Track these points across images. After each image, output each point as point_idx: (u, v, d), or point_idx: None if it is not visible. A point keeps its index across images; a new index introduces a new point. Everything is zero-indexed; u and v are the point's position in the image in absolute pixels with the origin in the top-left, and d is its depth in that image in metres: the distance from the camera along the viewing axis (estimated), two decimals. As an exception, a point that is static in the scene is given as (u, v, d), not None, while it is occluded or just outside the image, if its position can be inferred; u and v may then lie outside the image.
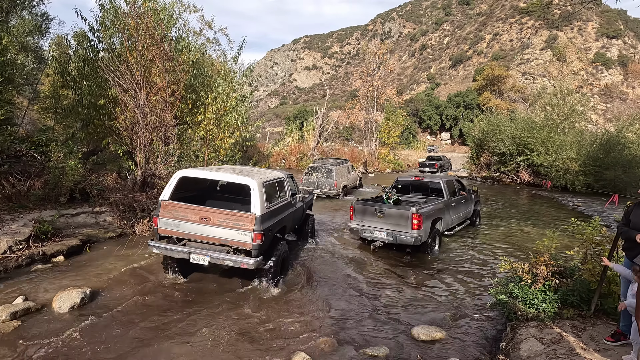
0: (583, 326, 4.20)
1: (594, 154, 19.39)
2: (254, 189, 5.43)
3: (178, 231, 5.51)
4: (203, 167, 7.64)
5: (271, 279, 5.71)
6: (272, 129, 52.69)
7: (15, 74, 10.66)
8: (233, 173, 5.91)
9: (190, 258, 5.43)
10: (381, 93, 30.72)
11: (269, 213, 5.57)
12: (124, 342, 4.29)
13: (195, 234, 5.45)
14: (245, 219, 5.24)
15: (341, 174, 14.90)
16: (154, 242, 5.67)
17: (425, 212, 7.59)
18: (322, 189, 14.31)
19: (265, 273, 5.70)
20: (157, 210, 5.61)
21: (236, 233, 5.26)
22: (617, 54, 69.72)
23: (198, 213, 5.44)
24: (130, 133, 9.85)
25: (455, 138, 61.82)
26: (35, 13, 13.70)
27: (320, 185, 14.36)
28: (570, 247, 5.59)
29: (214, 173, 6.08)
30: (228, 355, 4.12)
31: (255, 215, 5.25)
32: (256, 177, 5.68)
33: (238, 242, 5.29)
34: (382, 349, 4.30)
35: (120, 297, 5.46)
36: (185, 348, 4.22)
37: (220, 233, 5.33)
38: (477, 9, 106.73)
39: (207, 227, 5.35)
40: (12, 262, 6.17)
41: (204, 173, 6.10)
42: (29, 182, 8.52)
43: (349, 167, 16.43)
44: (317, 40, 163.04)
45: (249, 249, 5.26)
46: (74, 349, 4.12)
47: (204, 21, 14.25)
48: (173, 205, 5.56)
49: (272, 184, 6.12)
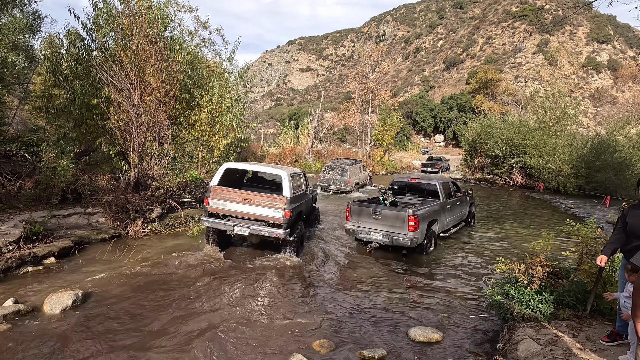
0: (579, 327, 4.22)
1: (585, 156, 19.66)
2: (284, 178, 7.07)
3: (224, 209, 7.07)
4: (243, 162, 9.40)
5: (293, 250, 7.22)
6: (267, 131, 52.57)
7: (5, 72, 10.50)
8: (268, 166, 7.91)
9: (235, 230, 6.95)
10: (376, 95, 30.80)
11: (293, 197, 7.10)
12: (116, 344, 4.21)
13: (238, 211, 7.00)
14: (279, 200, 6.80)
15: (354, 173, 16.68)
16: (205, 218, 7.14)
17: (422, 214, 7.59)
18: (337, 185, 16.21)
19: (290, 244, 7.18)
20: (208, 193, 7.12)
21: (271, 211, 6.80)
22: (607, 58, 70.92)
23: (241, 195, 7.02)
24: (123, 133, 9.74)
25: (449, 140, 62.26)
26: (27, 11, 13.48)
27: (336, 182, 16.23)
28: (563, 249, 5.63)
29: (254, 165, 7.96)
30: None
31: (285, 197, 6.82)
32: (285, 170, 7.43)
33: (272, 218, 6.83)
34: (379, 350, 4.28)
35: (112, 298, 5.36)
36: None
37: (258, 211, 6.88)
38: (470, 13, 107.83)
39: (248, 206, 6.91)
40: (1, 263, 6.03)
41: (246, 165, 8.01)
42: (20, 183, 8.36)
43: (361, 166, 18.28)
44: (311, 42, 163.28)
45: (280, 223, 6.77)
46: (65, 352, 4.03)
47: (199, 21, 14.16)
48: (221, 189, 7.10)
49: (295, 176, 7.67)
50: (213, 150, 12.85)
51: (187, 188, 11.20)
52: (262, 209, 6.86)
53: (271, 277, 6.45)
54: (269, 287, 6.05)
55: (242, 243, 8.24)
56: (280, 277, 6.47)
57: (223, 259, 7.09)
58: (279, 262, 7.11)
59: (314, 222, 9.71)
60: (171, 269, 6.66)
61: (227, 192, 7.06)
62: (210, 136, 12.70)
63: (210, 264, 6.80)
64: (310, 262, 7.38)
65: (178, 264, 6.79)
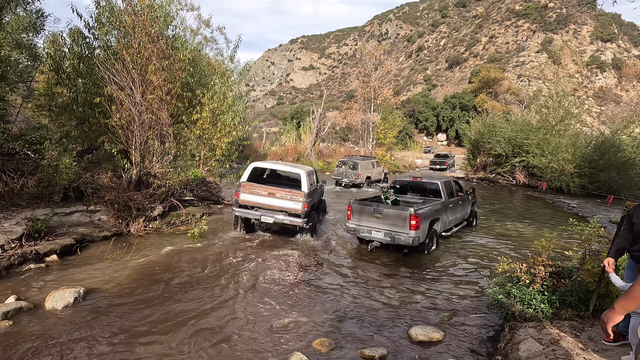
0: (581, 327, 4.19)
1: (588, 155, 19.53)
2: (302, 176, 8.35)
3: (252, 201, 8.38)
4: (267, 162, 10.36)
5: (310, 233, 8.75)
6: (269, 129, 52.59)
7: (9, 71, 10.53)
8: (288, 165, 9.30)
9: (261, 218, 8.29)
10: (378, 94, 30.73)
11: (310, 192, 8.31)
12: (118, 340, 4.22)
13: (264, 203, 8.30)
14: (298, 194, 8.09)
15: (365, 167, 18.30)
16: (236, 208, 8.53)
17: (423, 213, 7.56)
18: (349, 178, 17.92)
19: (306, 230, 8.62)
20: (239, 188, 8.48)
21: (292, 203, 8.09)
22: (612, 57, 70.44)
23: (267, 190, 8.33)
24: (125, 131, 9.75)
25: (451, 139, 62.04)
26: (30, 10, 13.52)
27: (348, 175, 17.95)
28: (566, 248, 5.59)
29: (277, 164, 9.27)
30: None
31: (304, 192, 8.13)
32: (303, 168, 8.79)
33: (292, 209, 8.12)
34: (380, 349, 4.26)
35: (114, 296, 5.38)
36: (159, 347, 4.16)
37: (281, 203, 8.17)
38: (473, 12, 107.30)
39: (272, 199, 8.21)
40: (4, 261, 6.06)
41: (270, 164, 9.33)
42: (22, 181, 8.38)
43: (374, 162, 19.99)
44: (314, 40, 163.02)
45: (299, 214, 8.11)
46: (67, 348, 4.04)
47: (201, 20, 14.16)
48: (250, 184, 8.42)
49: (310, 174, 8.86)
50: (215, 149, 12.85)
51: (188, 186, 11.21)
52: (285, 201, 8.16)
53: (272, 273, 6.45)
54: (268, 284, 6.05)
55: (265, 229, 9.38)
56: (282, 274, 6.47)
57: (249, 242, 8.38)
58: (297, 243, 8.45)
59: (321, 212, 10.89)
60: (173, 264, 6.67)
61: (254, 187, 8.41)
62: (212, 134, 12.70)
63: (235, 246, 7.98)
64: (312, 260, 7.38)
65: (186, 259, 6.81)
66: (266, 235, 8.95)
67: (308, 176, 8.50)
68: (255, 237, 8.86)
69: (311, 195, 8.42)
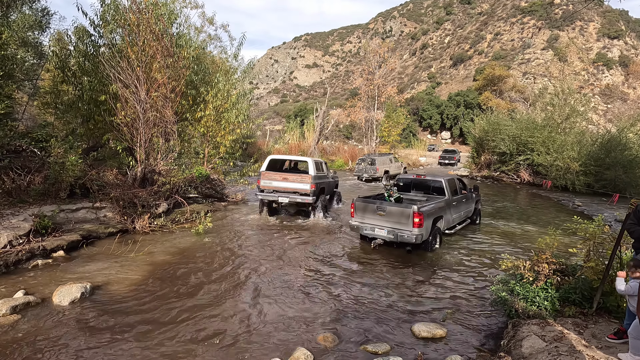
0: (585, 324, 4.18)
1: (594, 153, 19.36)
2: (310, 163, 10.32)
3: (270, 186, 10.26)
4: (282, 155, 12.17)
5: (321, 212, 10.44)
6: (273, 127, 52.62)
7: (15, 68, 10.63)
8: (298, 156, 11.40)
9: (278, 199, 10.10)
10: (382, 91, 30.65)
11: (317, 176, 10.23)
12: (123, 337, 4.28)
13: (280, 186, 10.18)
14: (306, 177, 10.01)
15: (382, 162, 20.59)
16: (259, 193, 10.39)
17: (427, 211, 7.55)
18: (368, 173, 20.02)
19: (317, 209, 10.47)
20: (259, 176, 10.37)
21: (301, 185, 9.96)
22: (619, 54, 69.57)
23: (281, 176, 10.32)
24: (130, 129, 9.82)
25: (455, 137, 61.72)
26: (36, 8, 13.64)
27: (367, 170, 20.07)
28: (571, 246, 5.57)
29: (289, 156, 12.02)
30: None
31: (311, 175, 10.01)
32: (310, 158, 10.73)
33: (302, 189, 9.97)
34: (383, 345, 4.29)
35: (120, 292, 5.44)
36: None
37: (293, 185, 10.07)
38: (478, 9, 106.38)
39: (286, 183, 10.13)
40: (12, 256, 6.15)
41: (284, 156, 11.58)
42: (29, 177, 8.49)
43: (392, 158, 22.22)
44: (318, 38, 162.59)
45: (308, 193, 9.93)
46: (73, 343, 4.10)
47: (205, 17, 14.21)
48: (267, 173, 10.31)
49: (318, 163, 10.88)
50: (219, 146, 12.90)
51: (193, 184, 11.28)
52: (296, 184, 10.03)
53: (276, 269, 6.49)
54: (272, 280, 6.09)
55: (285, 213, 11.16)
56: (286, 269, 6.51)
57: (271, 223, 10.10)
58: (311, 222, 10.27)
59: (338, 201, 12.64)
60: (179, 260, 6.73)
61: (271, 174, 10.32)
62: (216, 132, 12.75)
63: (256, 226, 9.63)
64: (317, 255, 7.41)
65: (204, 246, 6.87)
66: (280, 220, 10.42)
67: (315, 163, 10.45)
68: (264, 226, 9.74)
69: (318, 179, 10.29)
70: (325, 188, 10.95)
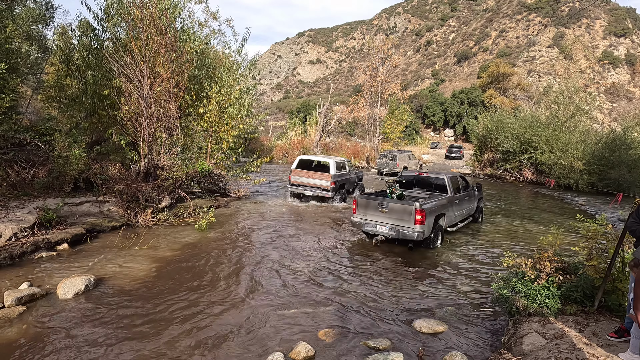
0: (586, 322, 4.19)
1: (599, 153, 19.24)
2: (331, 163, 12.35)
3: (299, 181, 12.63)
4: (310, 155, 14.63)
5: (339, 200, 12.48)
6: (275, 123, 52.55)
7: (19, 62, 10.63)
8: (323, 157, 13.54)
9: (305, 192, 12.43)
10: (385, 88, 30.49)
11: (337, 175, 12.30)
12: (126, 331, 4.32)
13: (306, 182, 12.48)
14: (328, 176, 12.10)
15: (402, 159, 22.91)
16: (289, 186, 12.86)
17: (429, 208, 7.55)
18: (389, 168, 22.27)
19: (336, 199, 12.41)
20: (290, 173, 12.85)
21: (323, 181, 12.14)
22: (625, 52, 68.85)
23: (307, 173, 12.52)
24: (134, 123, 9.85)
25: (458, 135, 61.45)
26: (40, 2, 13.63)
27: (388, 165, 22.38)
28: (573, 245, 5.56)
29: (315, 156, 13.93)
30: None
31: (331, 174, 12.08)
32: (332, 158, 12.76)
33: (324, 185, 12.16)
34: (384, 340, 4.31)
35: (124, 285, 5.49)
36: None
37: (317, 182, 12.28)
38: (483, 5, 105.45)
39: (311, 179, 12.39)
40: (17, 248, 6.21)
41: (311, 156, 13.75)
42: (33, 171, 8.55)
43: (410, 155, 24.42)
44: (321, 34, 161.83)
45: (328, 189, 12.09)
46: (78, 335, 4.15)
47: (209, 12, 14.14)
48: (297, 170, 12.70)
49: (339, 162, 12.78)
50: (221, 142, 12.91)
51: (196, 179, 11.31)
52: (319, 180, 12.26)
53: (277, 264, 6.53)
54: (273, 275, 6.12)
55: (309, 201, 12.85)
56: (287, 264, 6.54)
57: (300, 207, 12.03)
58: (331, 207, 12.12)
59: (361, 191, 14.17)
60: (181, 255, 6.78)
61: (300, 172, 12.66)
62: (219, 127, 12.75)
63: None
64: (318, 251, 7.43)
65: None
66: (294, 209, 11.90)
67: (336, 163, 12.44)
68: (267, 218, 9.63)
69: (338, 177, 12.36)
70: (346, 184, 12.99)
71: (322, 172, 12.49)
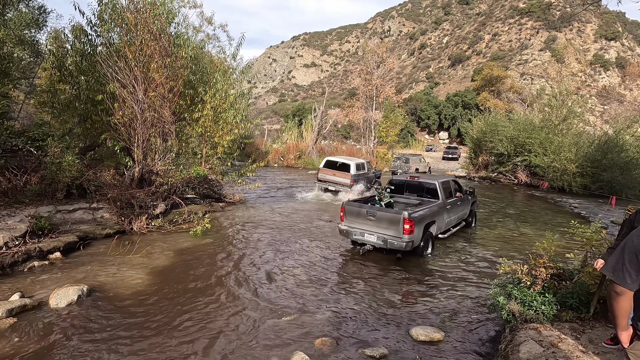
0: (582, 329, 4.21)
1: (591, 155, 19.44)
2: (352, 164, 14.69)
3: (324, 178, 15.11)
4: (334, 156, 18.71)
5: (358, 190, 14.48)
6: (271, 127, 52.52)
7: (11, 67, 10.52)
8: (346, 158, 15.83)
9: (329, 187, 14.93)
10: (380, 91, 30.62)
11: (356, 175, 14.69)
12: (120, 341, 4.26)
13: (330, 179, 15.00)
14: (348, 175, 14.57)
15: (415, 161, 25.21)
16: (317, 181, 15.47)
17: (418, 217, 7.29)
18: (402, 169, 24.42)
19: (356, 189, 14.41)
20: (318, 171, 15.54)
21: (344, 179, 14.60)
22: (615, 55, 69.92)
23: (332, 172, 15.02)
24: (128, 129, 9.77)
25: (453, 137, 61.85)
26: (32, 6, 13.52)
27: (402, 167, 24.58)
28: (568, 250, 5.59)
29: (339, 158, 15.99)
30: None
31: (350, 173, 14.53)
32: (352, 160, 15.48)
33: (345, 182, 14.57)
34: (381, 349, 4.29)
35: (118, 294, 5.42)
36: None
37: (339, 179, 14.78)
38: (476, 9, 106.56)
39: (335, 177, 14.90)
40: (8, 258, 6.11)
41: (335, 158, 15.94)
42: (25, 177, 8.43)
43: (421, 158, 27.00)
44: (316, 37, 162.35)
45: (349, 185, 14.39)
46: (70, 346, 4.08)
47: (204, 17, 14.11)
48: (324, 169, 15.27)
49: (359, 164, 15.18)
50: (217, 147, 12.85)
51: (191, 184, 11.24)
52: (341, 178, 14.74)
53: (272, 271, 6.48)
54: (268, 282, 6.08)
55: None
56: (281, 271, 6.50)
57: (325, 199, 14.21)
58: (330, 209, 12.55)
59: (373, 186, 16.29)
60: (176, 262, 6.71)
61: (326, 170, 15.20)
62: (214, 132, 12.68)
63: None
64: (315, 259, 7.40)
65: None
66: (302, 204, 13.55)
67: (355, 164, 14.84)
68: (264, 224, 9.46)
69: (357, 175, 14.72)
70: (365, 180, 15.43)
71: (344, 171, 14.86)
